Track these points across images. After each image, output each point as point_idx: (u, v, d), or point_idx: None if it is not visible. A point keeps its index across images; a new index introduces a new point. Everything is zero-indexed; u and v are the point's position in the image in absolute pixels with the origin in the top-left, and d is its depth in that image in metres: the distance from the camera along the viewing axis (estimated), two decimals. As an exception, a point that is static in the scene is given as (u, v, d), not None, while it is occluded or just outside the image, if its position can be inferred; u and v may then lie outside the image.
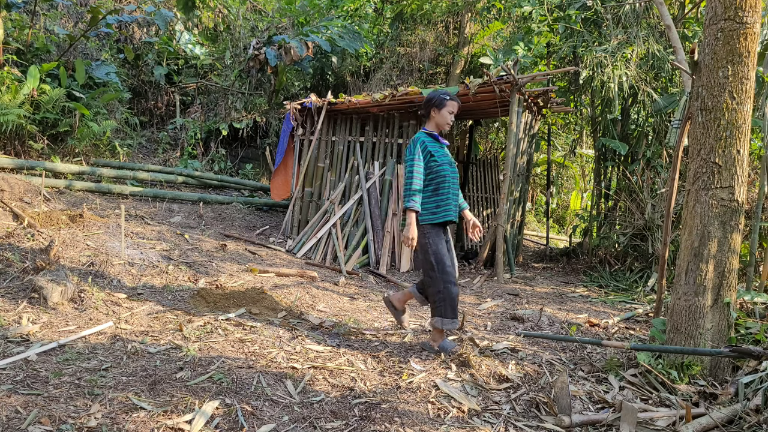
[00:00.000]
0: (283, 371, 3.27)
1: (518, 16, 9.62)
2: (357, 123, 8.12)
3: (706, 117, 3.34)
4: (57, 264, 4.58)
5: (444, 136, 10.12)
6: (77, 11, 10.99)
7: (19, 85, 7.64)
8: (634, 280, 7.10)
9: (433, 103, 3.82)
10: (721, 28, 3.27)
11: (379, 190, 7.62)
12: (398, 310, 4.24)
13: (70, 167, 7.87)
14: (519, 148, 7.73)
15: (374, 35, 12.40)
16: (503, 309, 5.45)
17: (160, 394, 2.81)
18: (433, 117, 3.84)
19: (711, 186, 3.30)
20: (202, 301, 4.53)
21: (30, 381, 2.84)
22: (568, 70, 7.42)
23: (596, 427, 2.80)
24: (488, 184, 9.94)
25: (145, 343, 3.52)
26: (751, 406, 2.81)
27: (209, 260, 5.99)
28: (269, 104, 11.07)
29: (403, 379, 3.29)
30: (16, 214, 5.57)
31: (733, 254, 3.32)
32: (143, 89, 11.05)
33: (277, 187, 8.72)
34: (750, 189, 6.53)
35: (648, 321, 5.04)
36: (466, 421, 2.83)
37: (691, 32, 7.94)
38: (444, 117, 3.81)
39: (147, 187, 8.54)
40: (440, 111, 3.80)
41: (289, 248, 7.43)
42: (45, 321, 3.72)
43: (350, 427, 2.66)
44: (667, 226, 4.09)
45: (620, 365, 3.56)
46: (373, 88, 11.03)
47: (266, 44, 10.60)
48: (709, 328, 3.29)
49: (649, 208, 7.29)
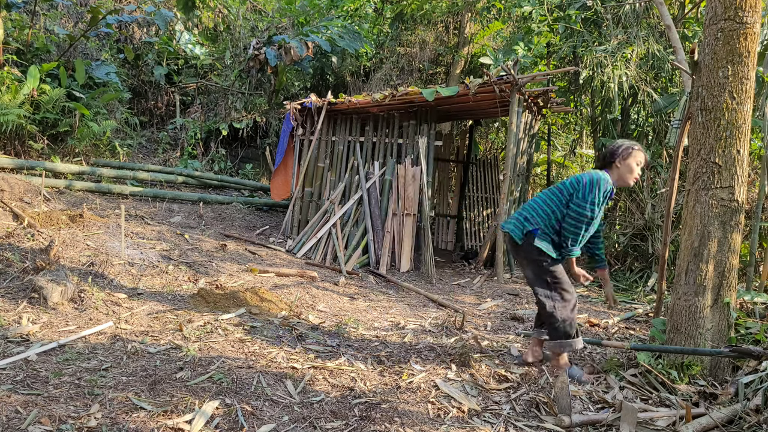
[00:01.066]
0: (283, 371, 3.27)
1: (518, 16, 9.61)
2: (357, 123, 8.12)
3: (706, 117, 3.34)
4: (57, 264, 4.58)
5: (444, 136, 10.14)
6: (77, 11, 10.98)
7: (19, 85, 7.64)
8: (634, 280, 7.10)
9: (618, 154, 3.39)
10: (721, 28, 3.27)
11: (379, 190, 7.62)
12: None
13: (70, 167, 7.87)
14: (519, 148, 7.73)
15: (374, 35, 12.39)
16: (503, 309, 5.45)
17: (160, 394, 2.81)
18: (617, 168, 3.40)
19: (711, 186, 3.30)
20: (202, 301, 4.53)
21: (30, 381, 2.84)
22: (568, 70, 7.41)
23: (596, 427, 2.80)
24: (488, 184, 9.93)
25: (145, 343, 3.52)
26: (751, 406, 2.81)
27: (209, 260, 5.99)
28: (269, 104, 11.07)
29: (403, 379, 3.29)
30: (16, 214, 5.57)
31: (733, 254, 3.32)
32: (143, 89, 11.05)
33: (277, 187, 8.72)
34: (750, 189, 6.53)
35: (648, 321, 5.04)
36: (466, 421, 2.83)
37: (691, 32, 7.94)
38: (631, 169, 3.39)
39: (147, 187, 8.53)
40: (625, 161, 3.38)
41: (289, 248, 7.43)
42: (45, 321, 3.72)
43: (350, 427, 2.66)
44: (667, 226, 4.08)
45: (620, 365, 3.56)
46: (373, 88, 11.02)
47: (266, 44, 10.60)
48: (709, 328, 3.29)
49: (649, 208, 7.29)
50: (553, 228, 3.42)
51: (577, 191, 3.34)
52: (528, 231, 3.41)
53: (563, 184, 3.49)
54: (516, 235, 3.46)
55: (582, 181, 3.35)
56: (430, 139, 7.71)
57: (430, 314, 5.01)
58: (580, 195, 3.31)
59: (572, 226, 3.32)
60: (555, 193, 3.48)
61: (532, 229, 3.40)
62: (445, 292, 6.23)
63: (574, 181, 3.42)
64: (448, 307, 5.33)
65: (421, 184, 7.36)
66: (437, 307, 5.42)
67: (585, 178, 3.36)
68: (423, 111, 7.84)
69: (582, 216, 3.29)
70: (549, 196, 3.49)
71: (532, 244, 3.39)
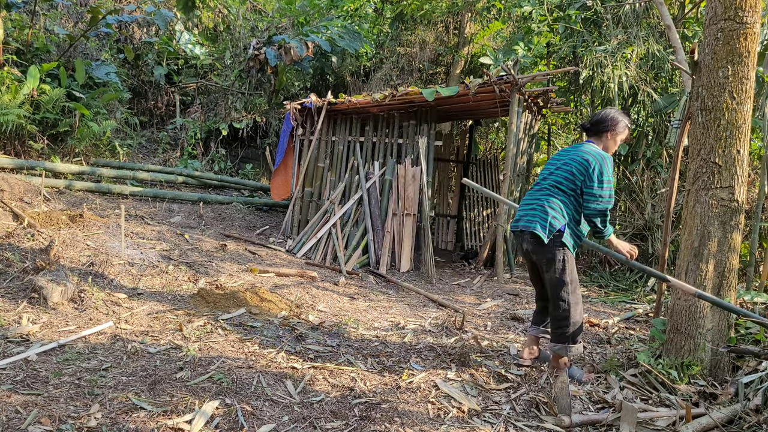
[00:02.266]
0: (283, 371, 3.27)
1: (518, 16, 9.61)
2: (357, 123, 8.12)
3: (706, 117, 3.34)
4: (57, 264, 4.58)
5: (444, 136, 10.14)
6: (77, 11, 10.98)
7: (19, 85, 7.64)
8: (634, 280, 7.10)
9: (611, 127, 3.48)
10: (721, 28, 3.27)
11: (379, 190, 7.62)
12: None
13: (70, 167, 7.87)
14: (519, 148, 7.73)
15: (374, 35, 12.39)
16: (503, 309, 5.45)
17: (160, 394, 2.81)
18: (607, 139, 3.51)
19: (711, 186, 3.30)
20: (202, 301, 4.53)
21: (30, 381, 2.84)
22: (568, 70, 7.41)
23: (596, 427, 2.80)
24: (488, 184, 9.93)
25: (145, 343, 3.52)
26: (751, 406, 2.81)
27: (209, 260, 5.99)
28: (269, 104, 11.07)
29: (403, 379, 3.29)
30: (16, 214, 5.57)
31: (733, 254, 3.32)
32: (143, 89, 11.05)
33: (277, 187, 8.72)
34: (750, 189, 6.53)
35: (648, 321, 5.04)
36: (466, 421, 2.83)
37: (691, 32, 7.94)
38: (617, 143, 3.53)
39: (147, 187, 8.53)
40: (618, 137, 3.51)
41: (289, 248, 7.43)
42: (45, 321, 3.72)
43: (350, 427, 2.66)
44: (667, 226, 4.09)
45: (620, 365, 3.56)
46: (373, 88, 11.02)
47: (266, 44, 10.60)
48: (709, 328, 3.29)
49: (649, 208, 7.29)
50: (574, 218, 3.38)
51: (590, 176, 3.29)
52: (558, 229, 3.29)
53: (567, 170, 3.37)
54: (542, 234, 3.29)
55: (591, 165, 3.29)
56: (430, 139, 7.71)
57: (430, 314, 5.01)
58: (595, 179, 3.28)
59: (599, 210, 3.29)
60: (564, 182, 3.37)
61: (561, 227, 3.29)
62: (445, 292, 6.23)
63: (580, 167, 3.33)
64: (448, 307, 5.33)
65: (421, 184, 7.37)
66: (437, 307, 5.42)
67: (592, 162, 3.30)
68: (423, 111, 7.84)
69: (605, 198, 3.28)
70: (560, 188, 3.37)
71: (559, 241, 3.30)
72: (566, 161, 3.41)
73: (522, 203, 3.55)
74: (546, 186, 3.45)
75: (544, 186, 3.46)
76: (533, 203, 3.43)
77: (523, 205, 3.52)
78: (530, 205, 3.45)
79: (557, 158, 3.51)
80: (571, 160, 3.40)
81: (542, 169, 3.57)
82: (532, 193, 3.52)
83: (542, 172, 3.56)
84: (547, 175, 3.48)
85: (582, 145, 3.49)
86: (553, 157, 3.59)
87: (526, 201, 3.51)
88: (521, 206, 3.53)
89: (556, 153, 3.60)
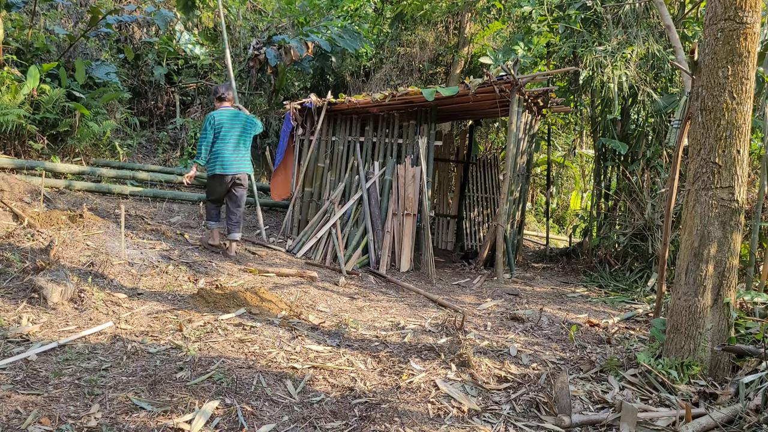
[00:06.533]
0: (283, 371, 3.27)
1: (518, 16, 9.61)
2: (357, 123, 8.12)
3: (706, 117, 3.34)
4: (57, 264, 4.58)
5: (444, 136, 10.14)
6: (77, 11, 10.98)
7: (19, 85, 7.64)
8: (634, 280, 7.10)
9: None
10: (721, 28, 3.27)
11: (379, 190, 7.62)
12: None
13: (70, 167, 7.86)
14: (519, 148, 7.73)
15: (374, 35, 12.39)
16: (503, 309, 5.45)
17: (160, 394, 2.81)
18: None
19: (711, 186, 3.30)
20: (202, 301, 4.53)
21: (30, 381, 2.84)
22: (568, 70, 7.42)
23: (596, 427, 2.80)
24: (488, 184, 9.93)
25: (145, 343, 3.52)
26: (751, 406, 2.82)
27: (209, 260, 5.99)
28: (269, 104, 11.06)
29: (403, 379, 3.29)
30: (16, 214, 5.57)
31: (733, 254, 3.32)
32: (143, 89, 11.05)
33: (277, 187, 8.72)
34: (750, 189, 6.53)
35: (648, 321, 5.04)
36: (466, 421, 2.83)
37: (691, 32, 7.94)
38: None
39: (147, 187, 8.53)
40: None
41: (289, 248, 7.43)
42: (45, 321, 3.72)
43: (350, 427, 2.66)
44: (667, 226, 4.09)
45: (620, 365, 3.57)
46: (373, 88, 11.02)
47: (266, 44, 10.60)
48: (709, 328, 3.29)
49: (649, 208, 7.29)
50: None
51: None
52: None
53: None
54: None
55: None
56: (430, 139, 7.71)
57: (430, 314, 5.01)
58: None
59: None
60: None
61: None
62: (445, 292, 6.23)
63: None
64: (448, 307, 5.33)
65: (421, 184, 7.37)
66: (437, 307, 5.42)
67: None
68: (423, 111, 7.84)
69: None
70: None
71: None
72: None
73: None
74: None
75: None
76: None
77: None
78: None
79: None
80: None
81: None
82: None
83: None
84: None
85: None
86: None
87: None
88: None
89: None
